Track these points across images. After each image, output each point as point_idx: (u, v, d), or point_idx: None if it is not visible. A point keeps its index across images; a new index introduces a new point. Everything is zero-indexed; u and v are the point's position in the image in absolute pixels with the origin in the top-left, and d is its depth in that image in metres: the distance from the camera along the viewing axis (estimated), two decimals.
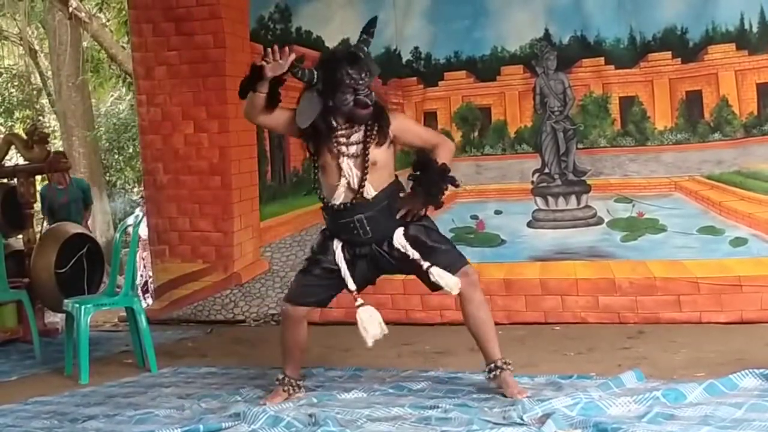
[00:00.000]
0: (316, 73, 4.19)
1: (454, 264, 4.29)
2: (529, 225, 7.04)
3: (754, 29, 6.44)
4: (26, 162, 7.60)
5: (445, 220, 7.13)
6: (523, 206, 7.05)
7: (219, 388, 4.89)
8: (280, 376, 4.53)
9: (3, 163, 7.81)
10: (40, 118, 17.80)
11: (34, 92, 18.29)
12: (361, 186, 4.22)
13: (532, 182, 7.05)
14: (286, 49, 4.19)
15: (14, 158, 8.96)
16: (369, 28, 4.40)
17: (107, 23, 15.21)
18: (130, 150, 16.53)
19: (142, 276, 10.02)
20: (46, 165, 7.46)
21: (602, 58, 6.86)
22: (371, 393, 4.45)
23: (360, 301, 4.30)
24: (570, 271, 6.85)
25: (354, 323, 4.27)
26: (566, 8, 6.94)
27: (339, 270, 4.31)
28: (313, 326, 5.96)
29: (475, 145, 7.23)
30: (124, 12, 11.89)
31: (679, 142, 6.71)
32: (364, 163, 4.21)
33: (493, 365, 4.29)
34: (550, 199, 7.01)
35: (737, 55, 6.50)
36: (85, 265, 7.14)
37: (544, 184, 7.02)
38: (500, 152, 7.17)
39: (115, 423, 4.13)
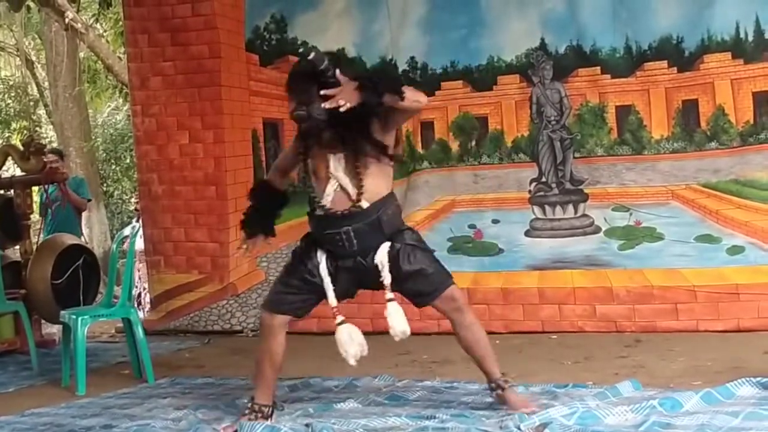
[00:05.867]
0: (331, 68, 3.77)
1: (437, 290, 4.07)
2: (527, 234, 7.04)
3: (750, 38, 6.46)
4: (23, 173, 7.59)
5: (442, 229, 7.18)
6: (521, 215, 7.06)
7: (216, 399, 4.87)
8: (247, 402, 4.19)
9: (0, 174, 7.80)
10: (37, 129, 17.76)
11: (31, 103, 18.25)
12: (359, 193, 3.93)
13: (530, 191, 7.06)
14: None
15: (11, 169, 8.94)
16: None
17: (104, 34, 15.22)
18: (127, 160, 16.53)
19: (136, 287, 9.99)
20: (43, 176, 7.45)
21: (598, 68, 6.88)
22: (368, 403, 4.43)
23: (340, 318, 4.06)
24: (567, 280, 6.85)
25: None
26: (562, 18, 6.96)
27: (319, 280, 4.07)
28: (311, 336, 6.02)
29: (472, 155, 7.24)
30: (120, 23, 11.88)
31: (675, 151, 6.72)
32: (355, 165, 3.93)
33: (494, 384, 4.10)
34: (547, 208, 7.01)
35: (733, 63, 6.53)
36: (81, 276, 7.12)
37: (542, 193, 7.02)
38: (497, 162, 7.17)
39: None
